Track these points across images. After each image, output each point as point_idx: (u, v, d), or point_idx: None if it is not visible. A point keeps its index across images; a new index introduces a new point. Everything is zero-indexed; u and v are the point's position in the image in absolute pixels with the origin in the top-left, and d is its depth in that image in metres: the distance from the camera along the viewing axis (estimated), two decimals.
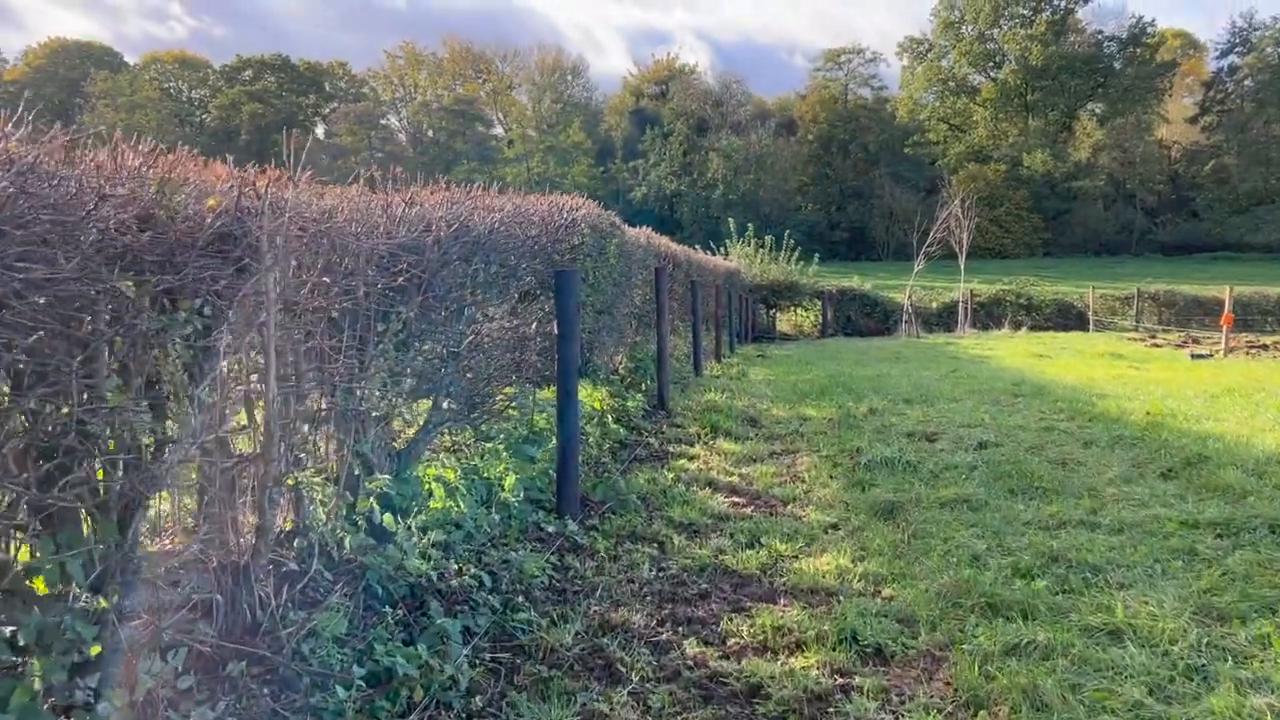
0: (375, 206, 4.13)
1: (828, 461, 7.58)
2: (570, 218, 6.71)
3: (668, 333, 9.68)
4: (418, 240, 4.31)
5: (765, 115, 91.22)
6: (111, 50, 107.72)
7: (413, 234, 4.30)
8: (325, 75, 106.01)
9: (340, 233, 3.64)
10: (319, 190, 4.25)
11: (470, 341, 5.13)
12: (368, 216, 4.01)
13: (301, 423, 4.16)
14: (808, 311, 35.76)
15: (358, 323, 4.08)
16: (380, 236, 4.03)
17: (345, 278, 3.85)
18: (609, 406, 8.56)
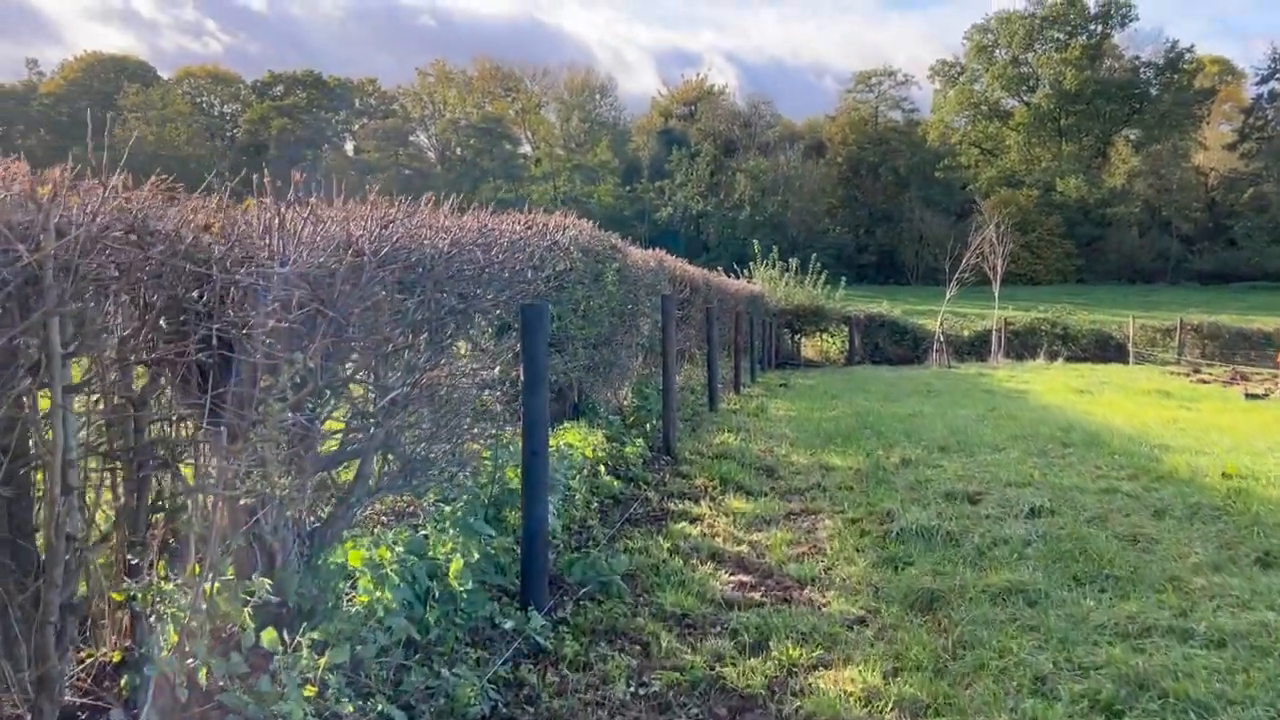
0: (259, 224, 3.15)
1: (854, 528, 6.50)
2: (551, 239, 5.70)
3: (675, 369, 8.65)
4: (322, 268, 3.31)
5: (794, 137, 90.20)
6: (145, 64, 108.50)
7: (316, 260, 3.30)
8: (355, 91, 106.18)
9: (174, 259, 2.64)
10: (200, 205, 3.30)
11: (408, 393, 4.12)
12: (243, 238, 3.02)
13: (142, 509, 3.18)
14: (834, 337, 34.57)
15: (231, 376, 3.08)
16: (262, 263, 3.04)
17: (202, 319, 2.86)
18: (604, 454, 7.52)
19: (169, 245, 2.70)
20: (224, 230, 3.03)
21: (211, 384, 3.10)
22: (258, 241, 3.07)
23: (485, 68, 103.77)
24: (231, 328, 2.96)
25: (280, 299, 3.16)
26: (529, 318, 4.53)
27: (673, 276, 13.25)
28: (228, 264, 2.91)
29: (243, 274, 2.97)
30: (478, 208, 5.28)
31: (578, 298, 6.63)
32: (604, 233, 7.76)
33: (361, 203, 4.29)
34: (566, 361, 6.63)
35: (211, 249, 2.94)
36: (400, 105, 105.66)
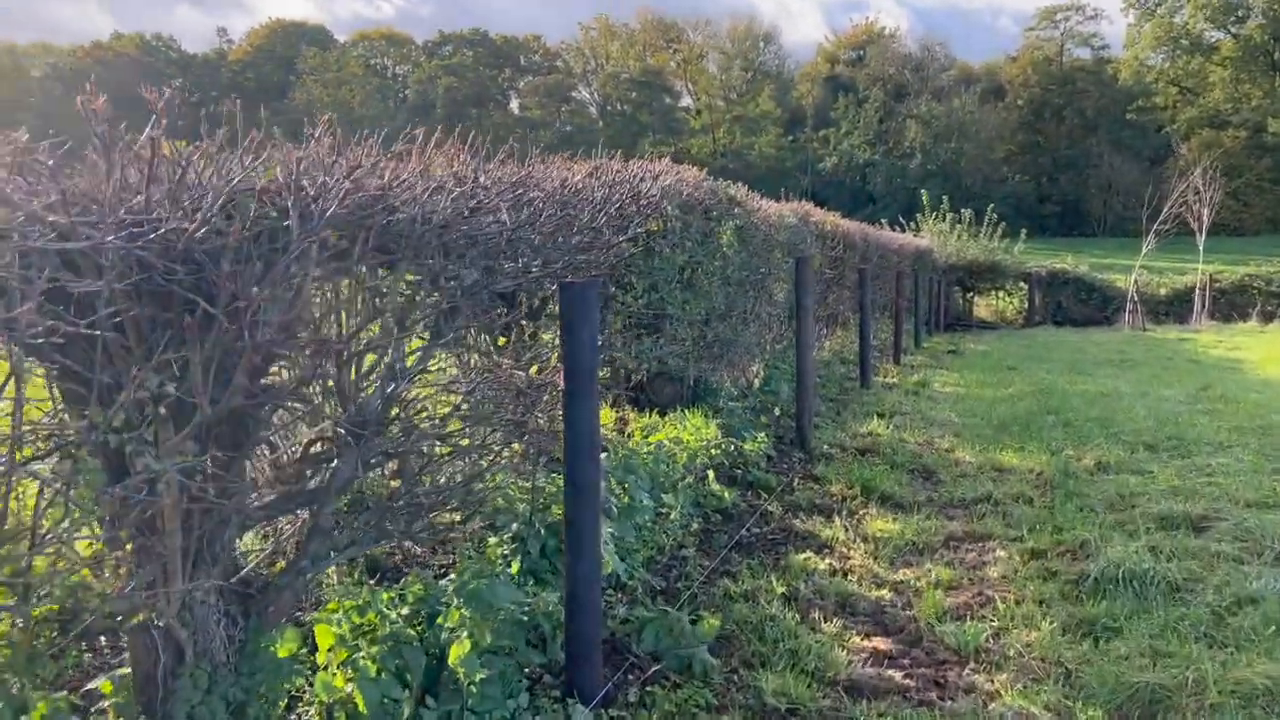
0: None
1: (1035, 565, 4.95)
2: (627, 191, 4.35)
3: (811, 345, 7.17)
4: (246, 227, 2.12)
5: (969, 80, 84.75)
6: (323, 29, 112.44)
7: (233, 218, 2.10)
8: (520, 49, 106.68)
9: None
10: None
11: (381, 408, 2.89)
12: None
13: None
14: (1011, 296, 31.72)
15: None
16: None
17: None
18: (717, 453, 6.18)
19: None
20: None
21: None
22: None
23: (647, 20, 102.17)
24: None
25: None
26: (569, 301, 3.22)
27: (820, 233, 11.68)
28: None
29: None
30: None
31: (677, 264, 5.28)
32: (718, 183, 6.34)
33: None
34: (661, 346, 5.31)
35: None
36: (563, 61, 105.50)
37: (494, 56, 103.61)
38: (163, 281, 2.20)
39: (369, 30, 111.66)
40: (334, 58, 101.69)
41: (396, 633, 3.13)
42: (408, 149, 3.49)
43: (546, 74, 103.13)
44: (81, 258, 2.05)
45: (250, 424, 2.64)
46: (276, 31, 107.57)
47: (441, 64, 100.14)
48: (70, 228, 1.95)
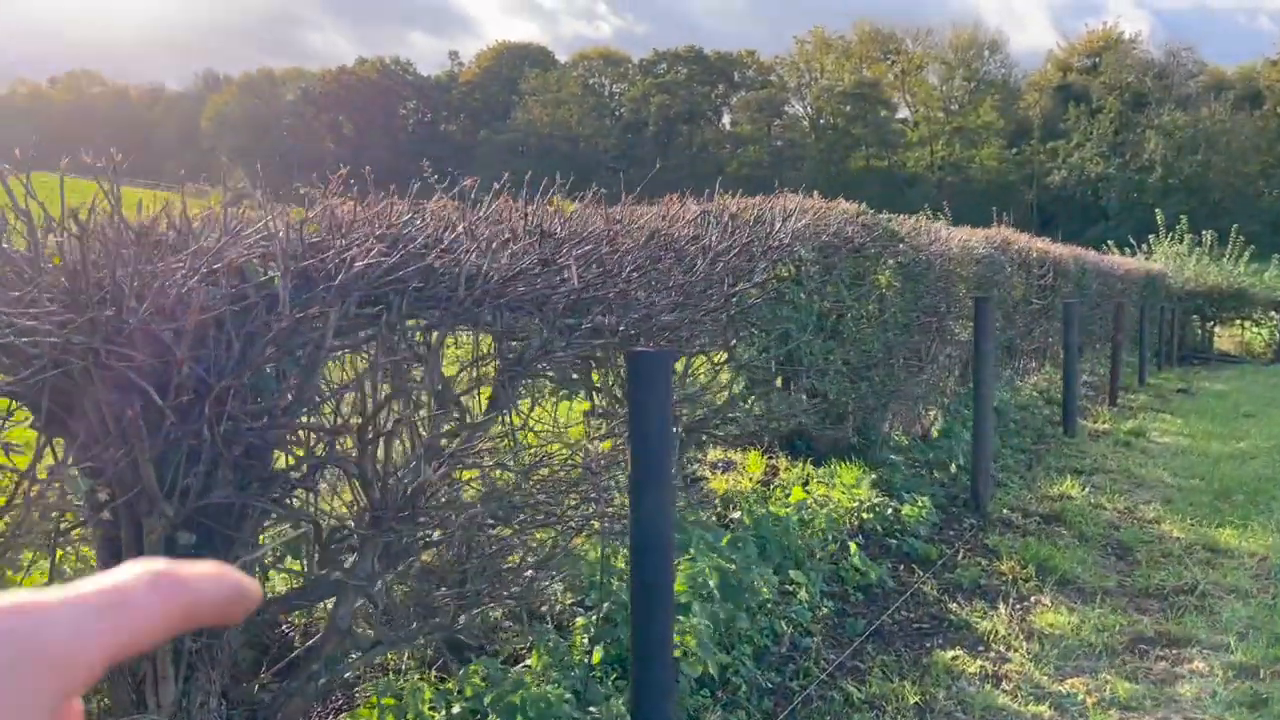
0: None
1: (1242, 688, 4.07)
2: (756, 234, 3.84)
3: (989, 395, 6.37)
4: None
5: (1221, 86, 77.73)
6: (546, 50, 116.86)
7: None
8: (734, 64, 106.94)
9: None
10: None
11: (411, 497, 2.55)
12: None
13: None
14: (1260, 327, 28.44)
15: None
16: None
17: None
18: (869, 516, 5.55)
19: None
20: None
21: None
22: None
23: (864, 31, 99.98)
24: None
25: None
26: (636, 372, 2.78)
27: (1024, 261, 10.67)
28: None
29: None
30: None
31: (815, 310, 4.72)
32: (875, 217, 5.71)
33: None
34: (789, 404, 4.76)
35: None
36: (776, 75, 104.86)
37: (707, 73, 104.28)
38: (114, 366, 1.94)
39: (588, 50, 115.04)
40: (554, 78, 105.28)
41: None
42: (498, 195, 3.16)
43: (759, 89, 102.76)
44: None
45: (251, 513, 2.36)
46: (502, 54, 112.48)
47: (655, 81, 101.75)
48: None
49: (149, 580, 0.39)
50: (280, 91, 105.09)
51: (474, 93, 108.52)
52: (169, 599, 0.39)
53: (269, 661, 3.00)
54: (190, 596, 0.40)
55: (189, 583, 0.40)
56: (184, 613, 0.40)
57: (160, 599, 0.39)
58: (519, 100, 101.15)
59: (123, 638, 0.37)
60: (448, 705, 2.92)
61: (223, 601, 0.41)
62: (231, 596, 0.42)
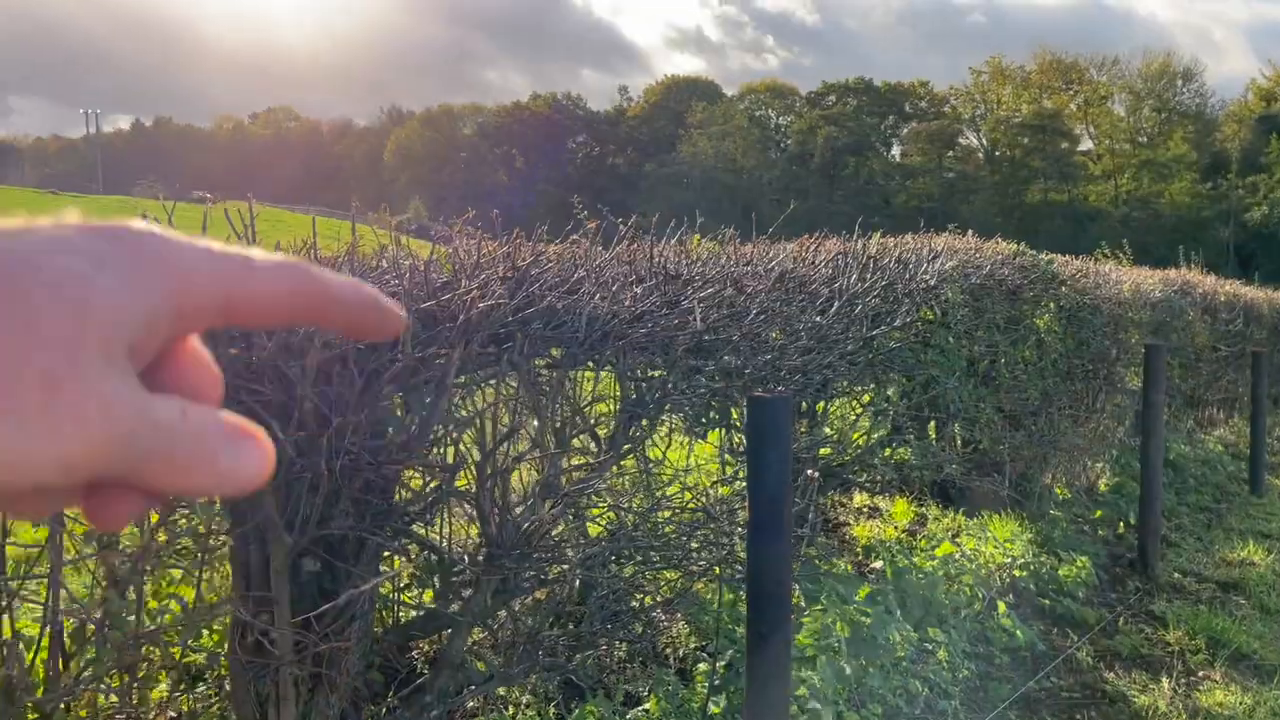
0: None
1: None
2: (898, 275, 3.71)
3: (1159, 448, 5.94)
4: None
5: None
6: (713, 83, 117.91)
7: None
8: (905, 95, 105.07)
9: None
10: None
11: (529, 533, 2.56)
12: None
13: None
14: None
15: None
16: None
17: None
18: (1023, 574, 5.25)
19: None
20: None
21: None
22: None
23: (1045, 60, 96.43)
24: None
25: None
26: (756, 418, 2.72)
27: (1208, 304, 9.97)
28: None
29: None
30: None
31: (963, 355, 4.51)
32: (1034, 257, 5.42)
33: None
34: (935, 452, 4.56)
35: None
36: (950, 106, 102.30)
37: (877, 104, 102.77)
38: (243, 400, 2.03)
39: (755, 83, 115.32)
40: (720, 111, 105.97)
41: None
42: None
43: (931, 120, 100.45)
44: None
45: (369, 544, 2.43)
46: (671, 88, 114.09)
47: (823, 113, 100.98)
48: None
49: (280, 260, 0.39)
50: (458, 126, 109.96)
51: (641, 126, 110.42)
52: (297, 281, 0.38)
53: (397, 687, 3.08)
54: (320, 288, 0.39)
55: (324, 278, 0.39)
56: (310, 302, 0.39)
57: (288, 277, 0.38)
58: (685, 133, 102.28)
59: (240, 287, 0.37)
60: None
61: (355, 307, 0.40)
62: (367, 306, 0.41)
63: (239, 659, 2.39)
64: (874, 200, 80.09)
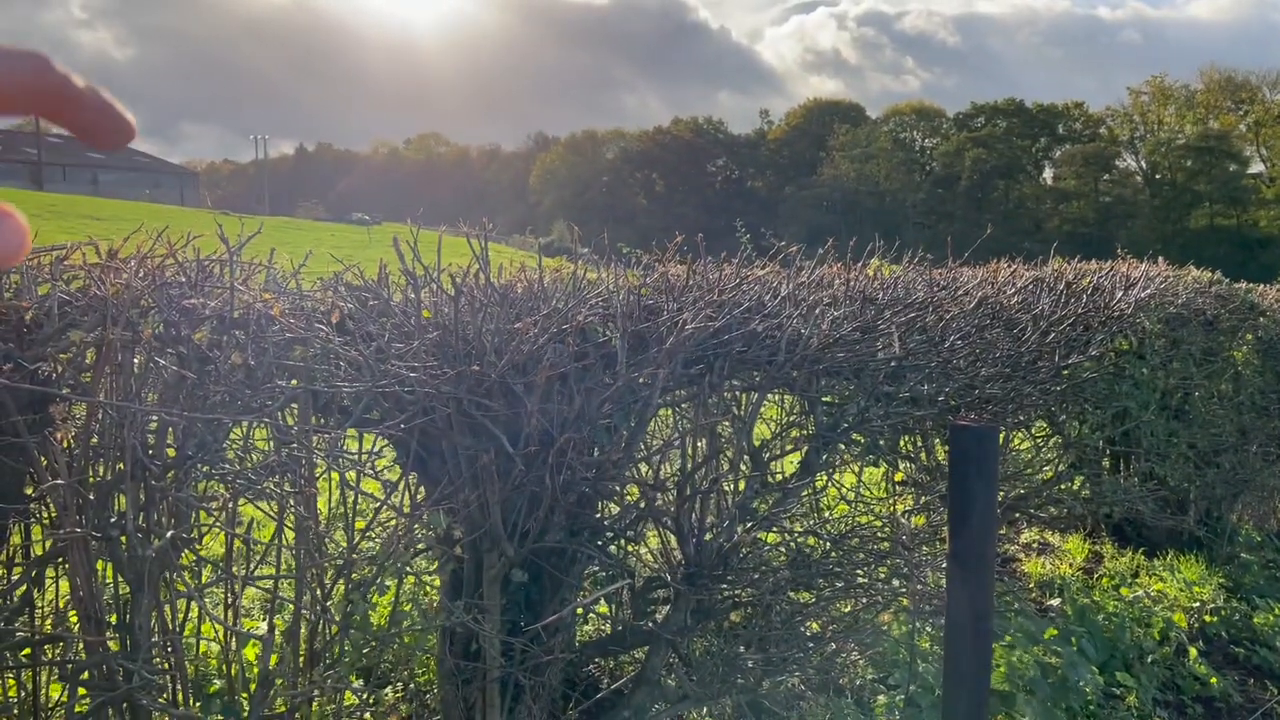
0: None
1: None
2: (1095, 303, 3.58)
3: None
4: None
5: None
6: (857, 105, 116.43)
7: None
8: (1059, 117, 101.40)
9: None
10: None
11: (726, 554, 2.58)
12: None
13: None
14: None
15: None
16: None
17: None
18: (1213, 619, 4.96)
19: None
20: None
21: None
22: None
23: (1212, 79, 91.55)
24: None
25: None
26: (960, 447, 2.67)
27: None
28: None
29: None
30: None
31: (1158, 388, 4.30)
32: (1229, 286, 5.12)
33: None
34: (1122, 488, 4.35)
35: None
36: (1106, 127, 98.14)
37: (1028, 125, 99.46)
38: (473, 413, 2.12)
39: (900, 104, 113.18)
40: (864, 133, 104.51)
41: None
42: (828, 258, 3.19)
43: (1086, 142, 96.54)
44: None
45: (579, 558, 2.49)
46: (812, 110, 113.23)
47: (970, 135, 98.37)
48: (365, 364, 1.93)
49: (24, 49, 0.39)
50: (601, 150, 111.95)
51: (782, 149, 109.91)
52: (39, 71, 0.39)
53: (578, 697, 3.13)
54: (61, 82, 0.39)
55: (66, 73, 0.40)
56: (50, 96, 0.39)
57: (30, 66, 0.39)
58: (826, 155, 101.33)
59: None
60: None
61: (94, 109, 0.41)
62: (105, 110, 0.41)
63: (449, 664, 2.48)
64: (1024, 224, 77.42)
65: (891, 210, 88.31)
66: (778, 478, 2.97)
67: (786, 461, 3.41)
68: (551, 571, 2.43)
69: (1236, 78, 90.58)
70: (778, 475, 3.03)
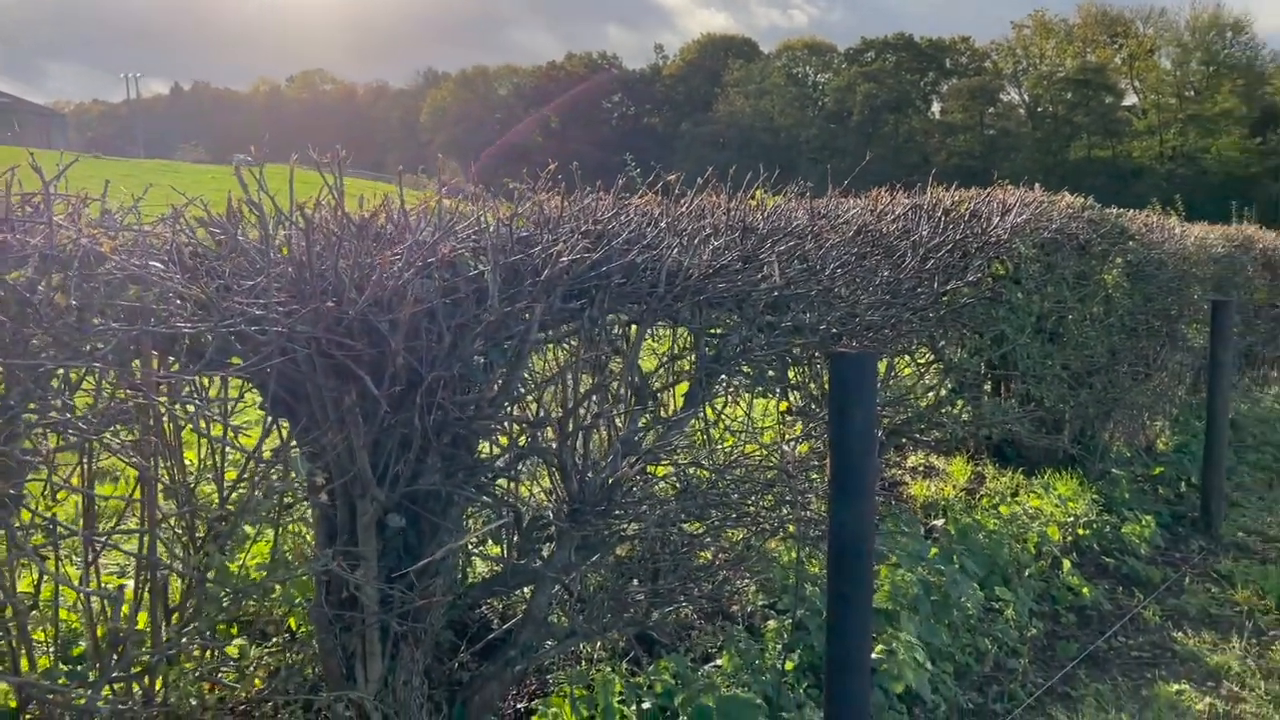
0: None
1: None
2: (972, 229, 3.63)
3: (1225, 407, 5.81)
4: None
5: None
6: (750, 41, 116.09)
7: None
8: (946, 51, 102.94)
9: None
10: None
11: (609, 490, 2.55)
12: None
13: None
14: None
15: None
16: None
17: None
18: (1085, 533, 5.19)
19: None
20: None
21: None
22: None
23: (1090, 13, 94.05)
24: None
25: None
26: (840, 375, 2.67)
27: (1267, 260, 9.74)
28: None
29: None
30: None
31: (1033, 311, 4.42)
32: (1102, 211, 5.29)
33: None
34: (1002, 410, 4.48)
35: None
36: (991, 61, 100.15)
37: (917, 60, 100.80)
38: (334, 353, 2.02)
39: (792, 40, 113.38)
40: (758, 69, 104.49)
41: None
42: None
43: (972, 76, 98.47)
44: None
45: (457, 500, 2.43)
46: (706, 46, 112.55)
47: (861, 70, 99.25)
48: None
49: None
50: (494, 87, 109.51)
51: (677, 85, 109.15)
52: None
53: (467, 642, 3.09)
54: None
55: None
56: None
57: None
58: (721, 92, 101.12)
59: None
60: (638, 700, 2.91)
61: None
62: None
63: (325, 614, 2.40)
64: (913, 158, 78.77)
65: (786, 146, 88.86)
66: (667, 411, 2.95)
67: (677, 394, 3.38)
68: (428, 516, 2.36)
69: (1112, 12, 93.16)
70: (666, 409, 3.01)
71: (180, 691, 2.13)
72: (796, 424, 3.26)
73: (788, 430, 3.18)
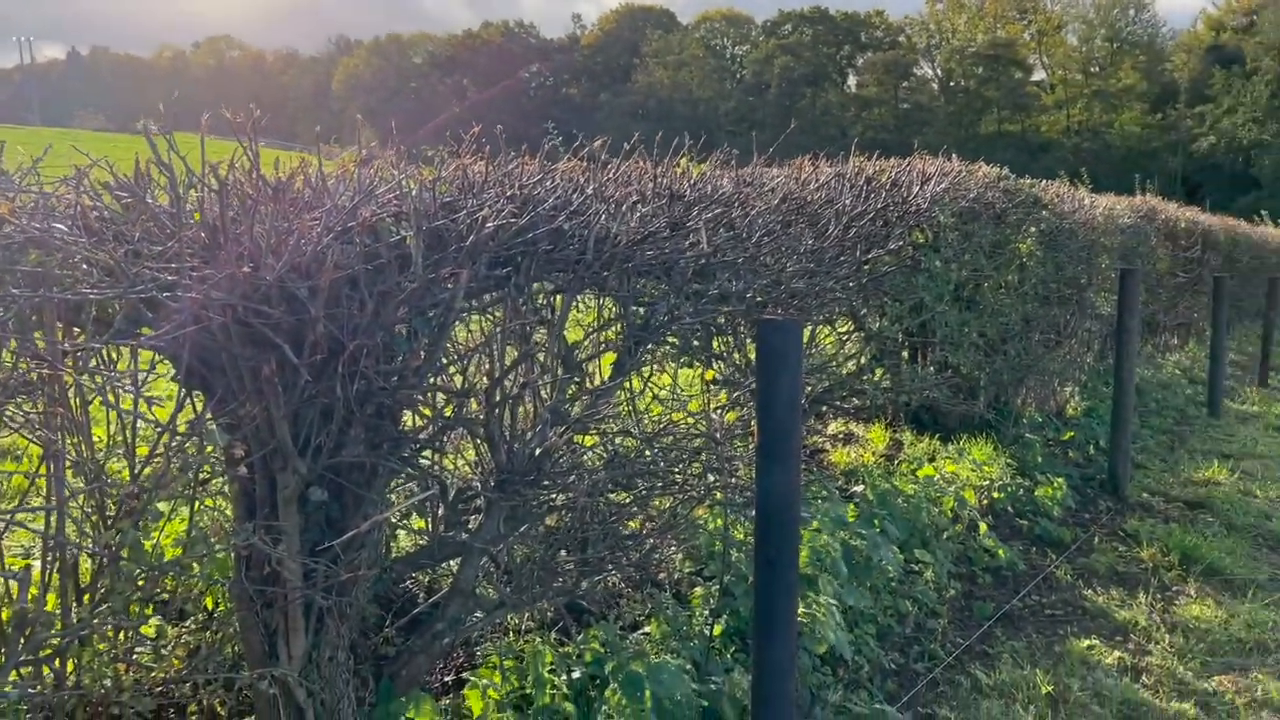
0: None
1: None
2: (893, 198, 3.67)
3: (1132, 373, 6.02)
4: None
5: None
6: (669, 12, 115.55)
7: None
8: (861, 25, 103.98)
9: None
10: None
11: (537, 461, 2.52)
12: None
13: None
14: None
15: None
16: None
17: None
18: (1000, 496, 5.34)
19: None
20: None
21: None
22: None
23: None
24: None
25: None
26: (766, 342, 2.68)
27: (1170, 231, 10.09)
28: None
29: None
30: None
31: (951, 280, 4.51)
32: (1017, 182, 5.42)
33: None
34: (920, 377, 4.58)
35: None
36: (905, 36, 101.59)
37: (833, 34, 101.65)
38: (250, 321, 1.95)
39: (710, 11, 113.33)
40: (676, 40, 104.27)
41: (553, 708, 2.78)
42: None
43: (887, 50, 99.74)
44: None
45: (381, 472, 2.37)
46: (624, 16, 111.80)
47: (779, 43, 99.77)
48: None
49: None
50: (408, 55, 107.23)
51: (596, 56, 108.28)
52: None
53: (393, 617, 3.04)
54: None
55: None
56: None
57: None
58: (640, 63, 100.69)
59: None
60: (568, 670, 2.90)
61: None
62: None
63: (246, 590, 2.33)
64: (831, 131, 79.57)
65: (705, 118, 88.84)
66: (594, 382, 2.92)
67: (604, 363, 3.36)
68: (352, 489, 2.30)
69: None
70: (593, 378, 2.99)
71: (94, 674, 2.06)
72: (721, 392, 3.27)
73: (714, 399, 3.19)
